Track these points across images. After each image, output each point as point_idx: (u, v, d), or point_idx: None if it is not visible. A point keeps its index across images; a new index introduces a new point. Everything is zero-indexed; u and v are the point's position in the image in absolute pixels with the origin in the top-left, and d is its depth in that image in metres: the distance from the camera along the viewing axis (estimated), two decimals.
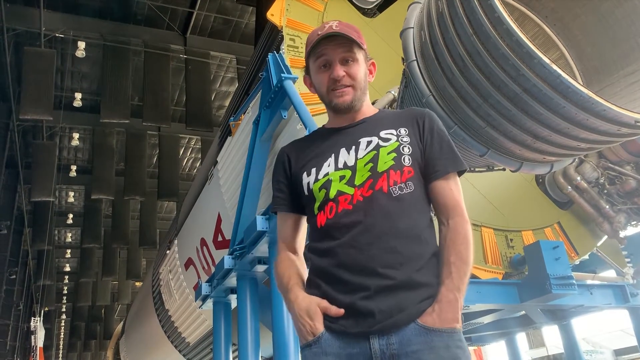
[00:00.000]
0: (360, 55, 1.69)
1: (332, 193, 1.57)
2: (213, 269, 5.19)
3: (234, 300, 4.84)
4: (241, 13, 14.88)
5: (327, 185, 1.59)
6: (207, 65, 14.84)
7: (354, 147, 1.63)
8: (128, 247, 20.80)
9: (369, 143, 1.62)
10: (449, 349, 1.42)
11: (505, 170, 3.54)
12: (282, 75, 3.77)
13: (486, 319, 4.60)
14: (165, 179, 15.89)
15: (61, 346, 43.18)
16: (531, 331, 11.13)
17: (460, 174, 1.66)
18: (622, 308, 4.35)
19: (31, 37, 13.46)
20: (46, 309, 29.40)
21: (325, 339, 1.49)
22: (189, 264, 7.15)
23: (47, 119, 12.94)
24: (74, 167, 19.47)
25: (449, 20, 2.71)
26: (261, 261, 4.09)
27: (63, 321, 39.47)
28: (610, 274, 4.77)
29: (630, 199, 4.34)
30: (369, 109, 1.75)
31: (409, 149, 1.60)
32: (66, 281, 31.85)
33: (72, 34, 13.80)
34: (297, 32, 4.25)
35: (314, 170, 1.64)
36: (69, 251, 27.63)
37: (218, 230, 5.85)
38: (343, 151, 1.63)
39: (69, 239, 26.39)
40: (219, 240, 5.88)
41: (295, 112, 3.66)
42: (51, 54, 12.70)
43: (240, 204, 4.37)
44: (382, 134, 1.63)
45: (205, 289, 4.99)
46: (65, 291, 33.25)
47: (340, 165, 1.61)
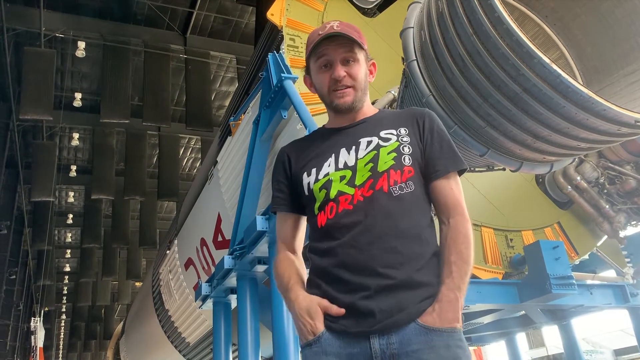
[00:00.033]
0: (361, 56, 1.69)
1: (333, 193, 1.57)
2: (213, 269, 5.18)
3: (234, 300, 4.84)
4: (241, 13, 14.89)
5: (327, 185, 1.59)
6: (207, 65, 14.84)
7: (354, 147, 1.62)
8: (128, 247, 20.80)
9: (369, 143, 1.62)
10: (449, 349, 1.42)
11: (505, 170, 3.54)
12: (282, 75, 3.77)
13: (486, 319, 4.60)
14: (165, 179, 15.89)
15: (61, 346, 43.18)
16: (531, 331, 11.13)
17: (460, 173, 1.66)
18: (622, 308, 4.35)
19: (31, 37, 13.46)
20: (46, 309, 29.40)
21: (325, 339, 1.49)
22: (189, 264, 7.15)
23: (47, 119, 12.94)
24: (74, 167, 19.47)
25: (449, 20, 2.71)
26: (261, 261, 4.09)
27: (63, 321, 39.47)
28: (610, 273, 4.77)
29: (630, 198, 4.34)
30: (369, 109, 1.75)
31: (409, 148, 1.60)
32: (66, 281, 31.85)
33: (72, 34, 13.80)
34: (297, 32, 4.25)
35: (314, 171, 1.64)
36: (69, 251, 27.63)
37: (218, 230, 5.85)
38: (343, 151, 1.63)
39: (69, 239, 26.39)
40: (219, 240, 5.87)
41: (295, 112, 3.66)
42: (51, 54, 12.69)
43: (240, 204, 4.37)
44: (382, 134, 1.63)
45: (205, 289, 4.99)
46: (65, 291, 33.24)
47: (341, 166, 1.61)
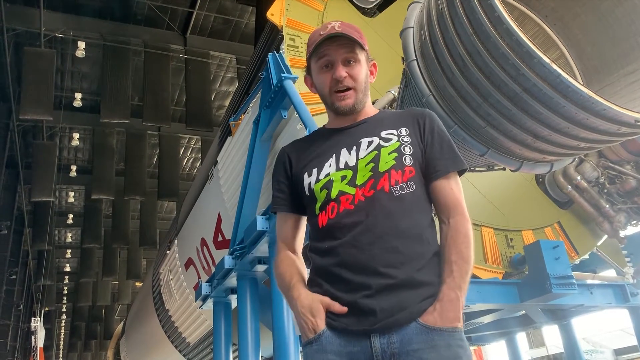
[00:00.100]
0: (362, 56, 1.69)
1: (334, 193, 1.57)
2: (213, 269, 5.19)
3: (234, 300, 4.84)
4: (241, 13, 14.88)
5: (328, 185, 1.59)
6: (207, 65, 14.84)
7: (354, 147, 1.62)
8: (128, 247, 20.81)
9: (370, 143, 1.62)
10: (450, 348, 1.42)
11: (505, 169, 3.55)
12: (282, 75, 3.77)
13: (486, 319, 4.61)
14: (166, 179, 15.88)
15: (61, 346, 43.18)
16: (531, 331, 11.13)
17: (460, 173, 1.66)
18: (622, 307, 4.35)
19: (31, 37, 13.45)
20: (46, 309, 29.39)
21: (326, 337, 1.49)
22: (189, 264, 7.15)
23: (47, 119, 12.93)
24: (74, 167, 19.46)
25: (448, 20, 2.71)
26: (261, 261, 4.09)
27: (63, 321, 39.46)
28: (610, 273, 4.77)
29: (631, 198, 4.34)
30: (369, 110, 1.76)
31: (410, 148, 1.60)
32: (66, 281, 31.84)
33: (72, 34, 13.79)
34: (297, 31, 4.25)
35: (315, 171, 1.64)
36: (69, 251, 27.62)
37: (218, 230, 5.85)
38: (344, 151, 1.63)
39: (69, 239, 26.38)
40: (219, 240, 5.88)
41: (295, 112, 3.66)
42: (51, 54, 12.68)
43: (240, 204, 4.37)
44: (383, 134, 1.63)
45: (205, 289, 5.00)
46: (66, 291, 33.23)
47: (342, 166, 1.61)
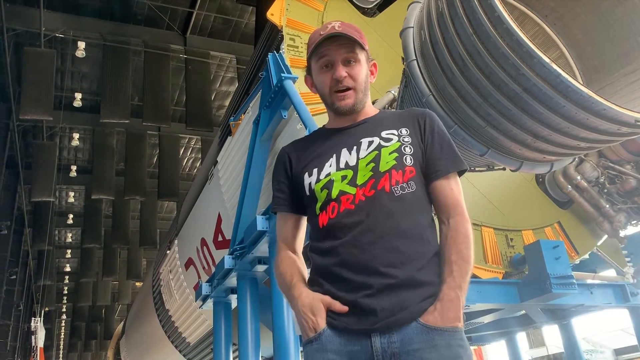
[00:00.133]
0: (362, 56, 1.69)
1: (334, 193, 1.57)
2: (213, 269, 5.19)
3: (234, 300, 4.84)
4: (241, 13, 14.88)
5: (329, 185, 1.59)
6: (207, 65, 14.84)
7: (355, 147, 1.63)
8: (128, 247, 20.81)
9: (370, 143, 1.62)
10: (450, 348, 1.42)
11: (505, 169, 3.55)
12: (282, 75, 3.77)
13: (486, 319, 4.61)
14: (166, 179, 15.88)
15: (61, 346, 43.19)
16: (531, 331, 11.13)
17: (460, 173, 1.66)
18: (622, 307, 4.35)
19: (31, 37, 13.45)
20: (46, 309, 29.40)
21: (326, 336, 1.49)
22: (189, 264, 7.15)
23: (47, 119, 12.94)
24: (74, 167, 19.46)
25: (448, 20, 2.71)
26: (261, 261, 4.09)
27: (63, 321, 39.47)
28: (610, 273, 4.77)
29: (631, 198, 4.34)
30: (369, 110, 1.76)
31: (410, 148, 1.60)
32: (66, 281, 31.85)
33: (72, 34, 13.79)
34: (297, 31, 4.25)
35: (315, 171, 1.64)
36: (69, 251, 27.62)
37: (218, 230, 5.85)
38: (344, 151, 1.63)
39: (69, 239, 26.38)
40: (219, 240, 5.88)
41: (295, 112, 3.66)
42: (51, 54, 12.68)
43: (240, 204, 4.37)
44: (384, 134, 1.63)
45: (205, 289, 5.00)
46: (66, 291, 33.24)
47: (342, 165, 1.61)
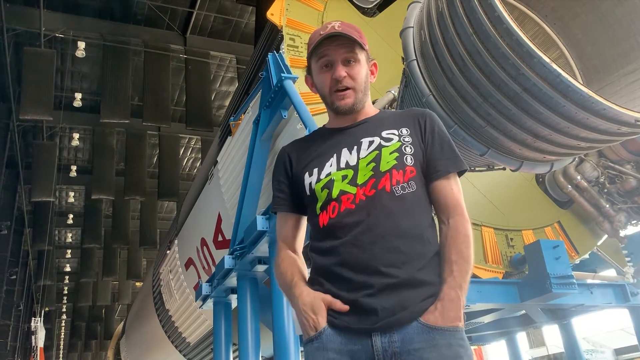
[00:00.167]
0: (362, 56, 1.69)
1: (335, 193, 1.57)
2: (213, 269, 5.19)
3: (234, 300, 4.84)
4: (241, 13, 14.88)
5: (329, 185, 1.59)
6: (207, 65, 14.84)
7: (355, 147, 1.63)
8: (128, 247, 20.81)
9: (370, 143, 1.62)
10: (451, 347, 1.43)
11: (505, 169, 3.54)
12: (282, 74, 3.77)
13: (486, 319, 4.61)
14: (166, 179, 15.88)
15: (62, 346, 43.19)
16: (531, 330, 11.13)
17: (460, 174, 1.66)
18: (623, 307, 4.35)
19: (31, 37, 13.44)
20: (47, 309, 29.39)
21: (327, 335, 1.49)
22: (189, 264, 7.15)
23: (47, 119, 12.93)
24: (74, 167, 19.46)
25: (448, 20, 2.71)
26: (261, 261, 4.09)
27: (63, 321, 39.47)
28: (610, 273, 4.77)
29: (631, 197, 4.34)
30: (370, 109, 1.76)
31: (411, 148, 1.60)
32: (66, 281, 31.85)
33: (72, 34, 13.79)
34: (297, 31, 4.25)
35: (316, 170, 1.64)
36: (69, 251, 27.62)
37: (218, 230, 5.86)
38: (345, 151, 1.63)
39: (69, 239, 26.38)
40: (219, 240, 5.88)
41: (295, 112, 3.66)
42: (51, 54, 12.68)
43: (240, 204, 4.37)
44: (384, 134, 1.63)
45: (205, 289, 5.00)
46: (66, 291, 33.24)
47: (343, 165, 1.61)
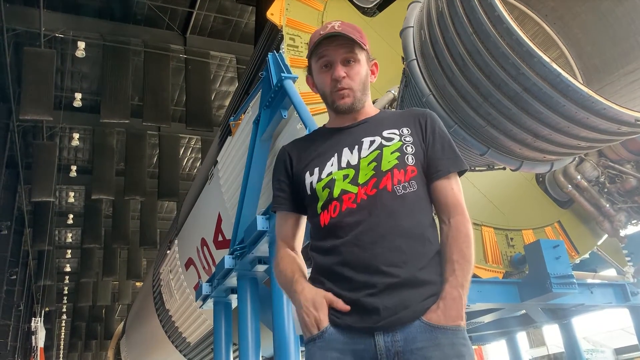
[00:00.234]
0: (362, 56, 1.69)
1: (336, 192, 1.57)
2: (213, 269, 5.19)
3: (234, 300, 4.84)
4: (241, 13, 14.88)
5: (330, 184, 1.59)
6: (207, 65, 14.83)
7: (356, 146, 1.63)
8: (128, 247, 20.80)
9: (372, 142, 1.62)
10: (453, 347, 1.43)
11: (505, 169, 3.54)
12: (282, 74, 3.77)
13: (487, 318, 4.61)
14: (166, 179, 15.88)
15: (62, 346, 43.21)
16: (532, 330, 11.14)
17: (461, 174, 1.66)
18: (623, 307, 4.35)
19: (31, 37, 13.44)
20: (47, 309, 29.39)
21: (329, 334, 1.49)
22: (189, 264, 7.16)
23: (47, 119, 12.93)
24: (74, 167, 19.45)
25: (448, 20, 2.71)
26: (262, 261, 4.09)
27: (64, 321, 39.47)
28: (610, 272, 4.77)
29: (631, 197, 4.34)
30: (370, 109, 1.76)
31: (412, 148, 1.61)
32: (67, 281, 31.85)
33: (72, 34, 13.79)
34: (297, 31, 4.24)
35: (316, 170, 1.64)
36: (69, 251, 27.62)
37: (218, 230, 5.86)
38: (346, 150, 1.63)
39: (69, 239, 26.37)
40: (219, 240, 5.88)
41: (295, 112, 3.66)
42: (51, 54, 12.68)
43: (240, 204, 4.37)
44: (385, 134, 1.63)
45: (205, 288, 5.00)
46: (66, 291, 33.24)
47: (344, 165, 1.61)
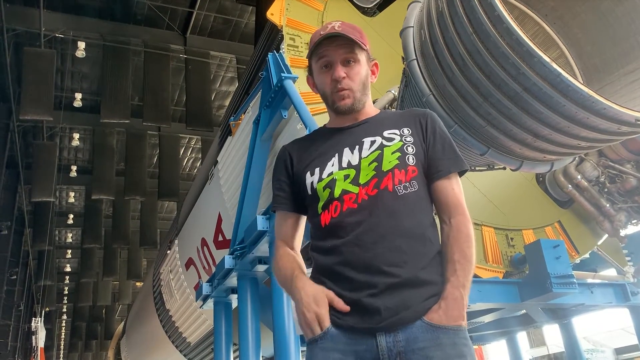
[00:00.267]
0: (362, 56, 1.69)
1: (337, 192, 1.57)
2: (214, 269, 5.19)
3: (234, 300, 4.84)
4: (241, 13, 14.88)
5: (331, 184, 1.59)
6: (207, 65, 14.83)
7: (357, 146, 1.63)
8: (129, 247, 20.80)
9: (372, 143, 1.62)
10: (455, 346, 1.43)
11: (505, 169, 3.54)
12: (282, 74, 3.77)
13: (487, 318, 4.61)
14: (166, 179, 15.88)
15: (62, 347, 43.21)
16: (532, 330, 11.15)
17: (461, 174, 1.67)
18: (623, 307, 4.35)
19: (31, 38, 13.44)
20: (47, 309, 29.40)
21: (331, 335, 1.49)
22: (189, 263, 7.16)
23: (47, 119, 12.93)
24: (74, 168, 19.46)
25: (448, 19, 2.71)
26: (262, 261, 4.09)
27: (64, 321, 39.48)
28: (610, 272, 4.77)
29: (631, 197, 4.34)
30: (370, 109, 1.76)
31: (412, 148, 1.61)
32: (67, 281, 31.86)
33: (72, 34, 13.79)
34: (297, 31, 4.24)
35: (317, 170, 1.64)
36: (69, 251, 27.63)
37: (218, 230, 5.86)
38: (347, 151, 1.63)
39: (69, 239, 26.38)
40: (219, 240, 5.88)
41: (296, 112, 3.66)
42: (51, 54, 12.68)
43: (240, 204, 4.37)
44: (386, 134, 1.63)
45: (205, 288, 5.00)
46: (66, 291, 33.25)
47: (344, 165, 1.61)
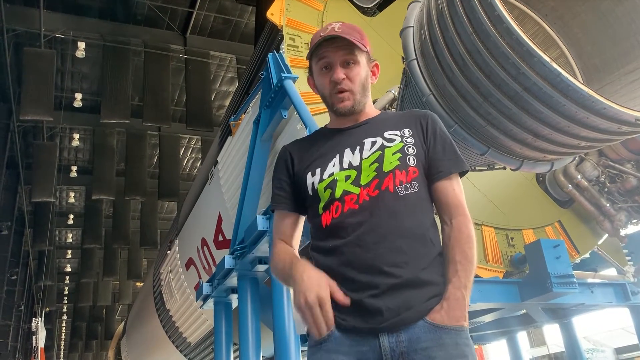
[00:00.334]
0: (362, 58, 1.69)
1: (338, 193, 1.58)
2: (214, 269, 5.19)
3: (234, 300, 4.84)
4: (241, 13, 14.88)
5: (332, 185, 1.59)
6: (207, 65, 14.84)
7: (358, 147, 1.63)
8: (129, 247, 20.81)
9: (373, 143, 1.62)
10: (457, 347, 1.44)
11: (505, 169, 3.55)
12: (282, 74, 3.77)
13: (487, 318, 4.61)
14: (166, 179, 15.89)
15: (62, 347, 43.23)
16: (532, 330, 11.16)
17: (462, 174, 1.67)
18: (623, 306, 4.35)
19: (31, 38, 13.45)
20: (47, 309, 29.40)
21: (335, 337, 1.49)
22: (189, 264, 7.16)
23: (47, 119, 12.93)
24: (74, 168, 19.47)
25: (448, 19, 2.71)
26: (262, 261, 4.09)
27: (64, 322, 39.50)
28: (611, 272, 4.77)
29: (631, 197, 4.34)
30: (371, 110, 1.76)
31: (413, 149, 1.61)
32: (67, 282, 31.87)
33: (72, 35, 13.80)
34: (297, 31, 4.24)
35: (318, 171, 1.64)
36: (69, 252, 27.63)
37: (219, 230, 5.86)
38: (347, 151, 1.63)
39: (69, 240, 26.39)
40: (219, 240, 5.88)
41: (296, 112, 3.66)
42: (51, 55, 12.68)
43: (240, 204, 4.37)
44: (387, 135, 1.64)
45: (206, 288, 5.00)
46: (66, 292, 33.26)
47: (345, 165, 1.61)
